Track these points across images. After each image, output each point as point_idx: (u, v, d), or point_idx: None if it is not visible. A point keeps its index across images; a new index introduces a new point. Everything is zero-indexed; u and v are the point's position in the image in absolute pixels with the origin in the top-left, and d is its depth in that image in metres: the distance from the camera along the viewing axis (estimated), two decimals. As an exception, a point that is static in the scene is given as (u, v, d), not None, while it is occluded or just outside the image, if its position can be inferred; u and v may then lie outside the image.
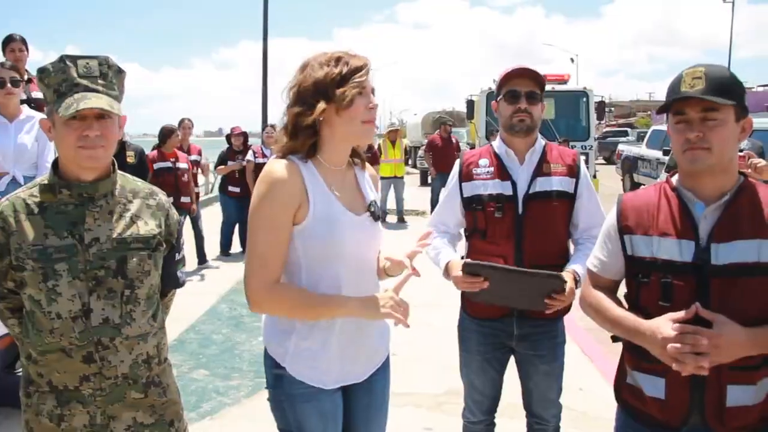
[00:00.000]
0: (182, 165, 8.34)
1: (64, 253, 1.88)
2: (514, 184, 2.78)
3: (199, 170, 9.73)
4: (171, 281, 2.15)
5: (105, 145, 1.91)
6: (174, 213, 2.16)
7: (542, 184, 2.77)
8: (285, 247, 2.06)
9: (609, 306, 2.08)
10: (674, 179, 2.03)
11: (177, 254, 2.17)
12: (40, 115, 4.65)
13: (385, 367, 2.31)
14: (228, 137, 10.13)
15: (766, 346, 1.85)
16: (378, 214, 2.17)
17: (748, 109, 1.92)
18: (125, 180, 2.06)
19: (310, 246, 2.07)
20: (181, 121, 9.36)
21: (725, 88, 1.85)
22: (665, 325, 1.86)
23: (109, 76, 1.93)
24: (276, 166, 2.07)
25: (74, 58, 1.89)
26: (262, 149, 9.71)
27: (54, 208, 1.92)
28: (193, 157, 9.24)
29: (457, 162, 2.97)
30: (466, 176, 2.87)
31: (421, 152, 21.38)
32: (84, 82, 1.87)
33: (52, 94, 1.88)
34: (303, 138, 2.09)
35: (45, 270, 1.87)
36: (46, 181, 1.95)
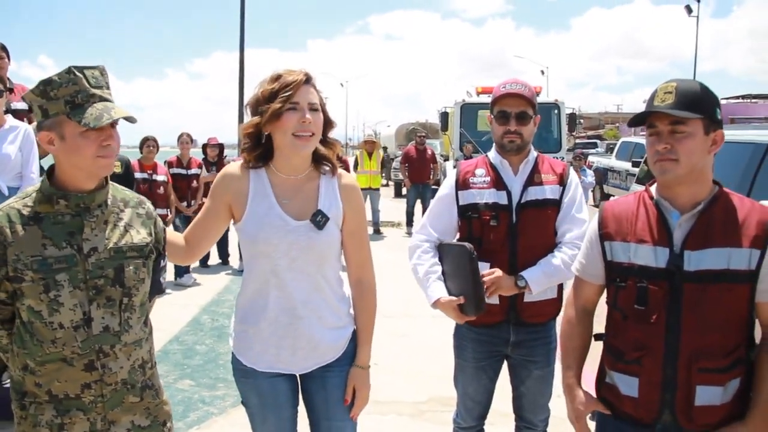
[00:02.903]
0: (159, 177, 8.35)
1: (65, 263, 1.89)
2: (509, 194, 2.86)
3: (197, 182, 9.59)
4: (155, 288, 2.18)
5: (117, 153, 1.98)
6: (160, 221, 2.21)
7: (534, 193, 2.85)
8: (204, 227, 2.42)
9: (568, 346, 2.33)
10: (653, 189, 2.13)
11: (162, 261, 2.21)
12: (24, 125, 4.61)
13: (341, 365, 2.41)
14: (204, 147, 10.08)
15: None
16: (322, 223, 2.29)
17: (721, 121, 2.02)
18: (115, 189, 2.10)
19: (243, 242, 2.35)
20: (180, 136, 9.39)
21: (694, 102, 1.95)
22: (581, 411, 2.24)
23: (109, 86, 1.98)
24: (230, 165, 2.44)
25: (81, 69, 1.90)
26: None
27: (51, 219, 1.92)
28: (194, 170, 9.28)
29: (454, 170, 3.05)
30: (462, 185, 2.94)
31: (395, 164, 21.49)
32: (97, 92, 1.90)
33: (63, 106, 1.87)
34: (249, 149, 2.34)
35: (46, 281, 1.87)
36: (40, 192, 1.95)
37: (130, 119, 1.95)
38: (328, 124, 2.35)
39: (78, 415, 1.96)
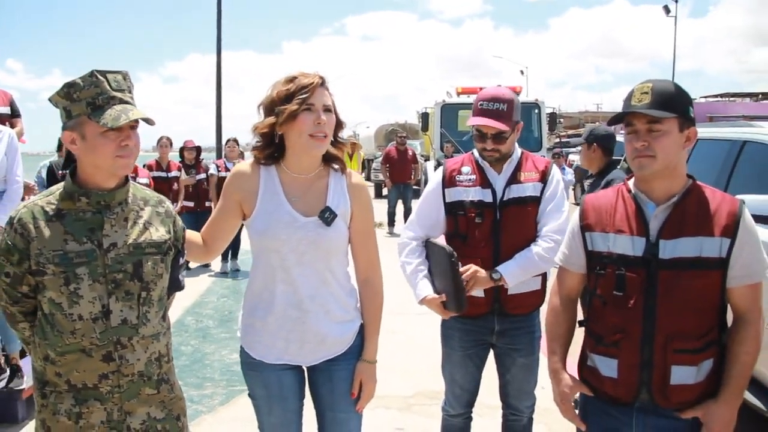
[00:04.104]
0: (141, 180, 8.35)
1: (85, 258, 1.98)
2: (493, 192, 2.97)
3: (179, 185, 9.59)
4: (174, 285, 2.25)
5: (136, 154, 2.06)
6: (179, 220, 2.28)
7: (516, 191, 2.96)
8: (218, 226, 2.50)
9: (553, 332, 2.43)
10: (630, 183, 2.27)
11: (181, 258, 2.28)
12: (7, 130, 4.65)
13: (348, 359, 2.47)
14: (181, 150, 10.13)
15: (740, 392, 2.13)
16: (330, 219, 2.36)
17: (694, 119, 2.16)
18: (136, 188, 2.18)
19: (252, 237, 2.42)
20: (159, 140, 9.42)
21: (669, 102, 2.08)
22: (567, 393, 2.34)
23: (132, 90, 2.06)
24: (241, 164, 2.51)
25: (103, 73, 1.98)
26: (225, 163, 9.79)
27: (72, 215, 2.01)
28: (173, 173, 9.35)
29: (440, 168, 3.15)
30: (449, 182, 3.04)
31: (375, 164, 21.55)
32: (118, 95, 1.99)
33: (85, 107, 1.96)
34: (261, 147, 2.41)
35: (66, 274, 1.97)
36: (63, 190, 2.04)
37: (148, 121, 2.03)
38: (338, 125, 2.42)
39: (95, 405, 2.03)
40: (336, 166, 2.46)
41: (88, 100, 1.96)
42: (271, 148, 2.39)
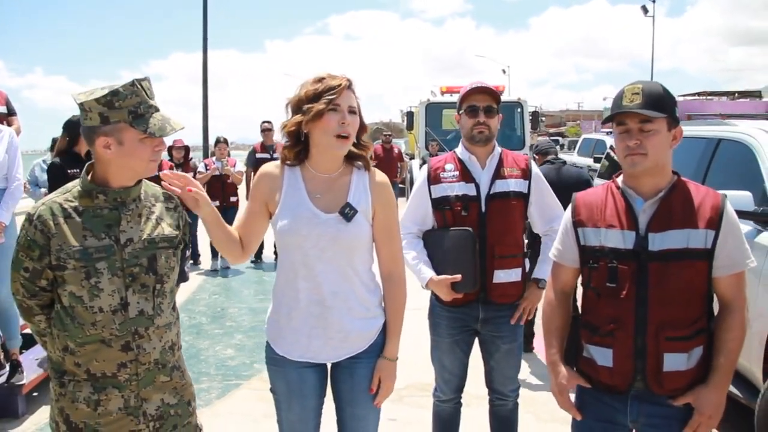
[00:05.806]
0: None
1: (104, 253, 2.08)
2: (477, 186, 3.15)
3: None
4: (180, 276, 2.35)
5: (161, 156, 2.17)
6: (185, 215, 2.38)
7: (501, 186, 3.15)
8: (249, 228, 2.53)
9: (549, 328, 2.52)
10: (619, 179, 2.37)
11: (186, 251, 2.38)
12: (7, 129, 4.70)
13: (369, 356, 2.52)
14: (169, 149, 10.09)
15: (728, 376, 2.24)
16: (350, 215, 2.41)
17: (678, 119, 2.27)
18: (147, 185, 2.28)
19: (276, 233, 2.46)
20: None
21: (659, 103, 2.19)
22: (564, 384, 2.41)
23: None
24: (267, 164, 2.58)
25: (139, 81, 2.08)
26: (213, 162, 9.86)
27: (90, 212, 2.11)
28: (165, 171, 9.32)
29: (425, 167, 3.33)
30: (434, 180, 3.23)
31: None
32: (153, 102, 2.10)
33: (126, 115, 2.05)
34: (291, 146, 2.48)
35: (87, 269, 2.06)
36: (80, 188, 2.13)
37: (181, 129, 2.15)
38: (362, 128, 2.49)
39: (113, 393, 2.13)
40: (359, 164, 2.52)
41: (130, 108, 2.06)
42: (299, 146, 2.46)
